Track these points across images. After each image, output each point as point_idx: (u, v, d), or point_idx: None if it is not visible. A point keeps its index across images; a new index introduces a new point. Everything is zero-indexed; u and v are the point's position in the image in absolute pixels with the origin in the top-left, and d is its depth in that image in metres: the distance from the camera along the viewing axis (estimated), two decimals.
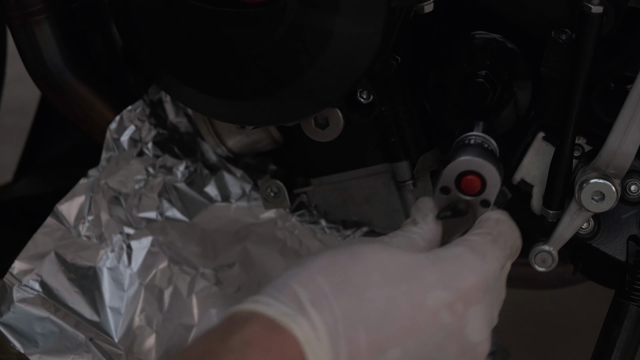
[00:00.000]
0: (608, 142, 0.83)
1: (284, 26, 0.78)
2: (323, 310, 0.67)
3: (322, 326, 0.66)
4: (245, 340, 0.65)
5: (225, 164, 1.05)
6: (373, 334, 0.67)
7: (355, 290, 0.68)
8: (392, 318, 0.68)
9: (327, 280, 0.68)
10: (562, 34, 0.85)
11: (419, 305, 0.69)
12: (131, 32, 0.83)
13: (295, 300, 0.67)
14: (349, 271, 0.69)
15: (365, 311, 0.67)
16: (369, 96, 0.82)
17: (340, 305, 0.67)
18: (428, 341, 0.69)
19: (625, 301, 0.85)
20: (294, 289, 0.68)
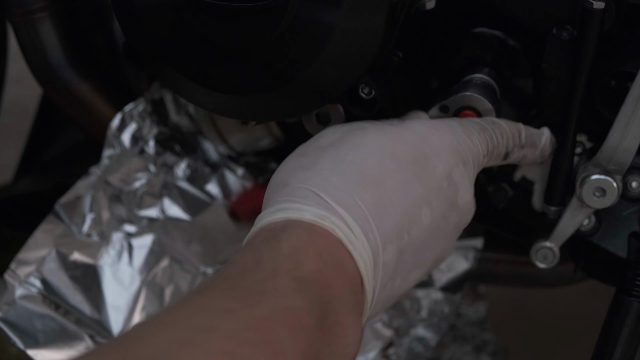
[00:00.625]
0: (609, 138, 0.84)
1: (286, 21, 0.78)
2: (352, 209, 0.68)
3: (355, 224, 0.68)
4: (295, 247, 0.65)
5: (227, 162, 1.05)
6: (399, 219, 0.70)
7: (374, 183, 0.70)
8: (411, 200, 0.71)
9: (344, 179, 0.70)
10: (563, 31, 0.85)
11: (429, 182, 0.73)
12: (134, 27, 0.83)
13: (323, 204, 0.68)
14: (360, 165, 0.71)
15: (389, 199, 0.70)
16: (370, 92, 0.82)
17: (365, 201, 0.69)
18: (437, 213, 0.73)
19: (626, 297, 0.85)
20: (316, 193, 0.69)
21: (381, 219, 0.69)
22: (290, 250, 0.65)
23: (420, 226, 0.72)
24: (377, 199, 0.69)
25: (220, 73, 0.82)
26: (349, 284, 0.67)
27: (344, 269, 0.67)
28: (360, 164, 0.71)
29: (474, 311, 1.25)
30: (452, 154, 0.75)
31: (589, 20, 0.80)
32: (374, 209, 0.69)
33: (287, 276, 0.63)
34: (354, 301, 0.67)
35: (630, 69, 0.84)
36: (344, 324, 0.65)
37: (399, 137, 0.74)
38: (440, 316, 1.16)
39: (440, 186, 0.73)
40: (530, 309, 1.46)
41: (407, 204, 0.71)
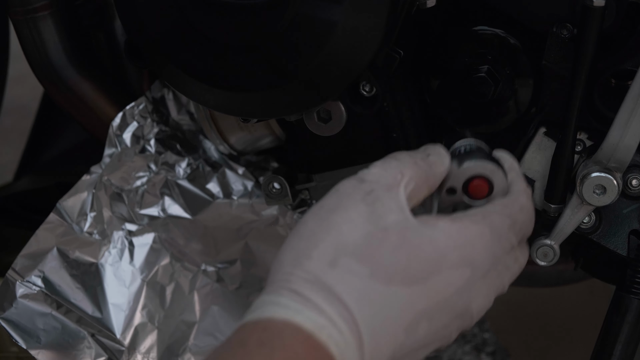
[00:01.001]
0: (609, 135, 0.84)
1: (288, 18, 0.78)
2: (349, 324, 0.67)
3: (351, 338, 0.67)
4: (261, 342, 0.64)
5: (227, 161, 1.05)
6: (394, 334, 0.68)
7: (378, 296, 0.68)
8: (411, 315, 0.69)
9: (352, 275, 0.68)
10: (563, 29, 0.85)
11: (433, 297, 0.70)
12: (135, 24, 0.83)
13: (324, 311, 0.67)
14: (369, 276, 0.68)
15: (389, 315, 0.68)
16: (371, 89, 0.82)
17: (363, 315, 0.67)
18: (437, 324, 0.70)
19: (626, 295, 0.86)
20: (320, 294, 0.67)
21: (376, 335, 0.68)
22: (255, 347, 0.64)
23: (414, 337, 0.70)
24: (378, 313, 0.68)
25: (221, 70, 0.82)
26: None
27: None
28: (370, 276, 0.69)
29: None
30: (472, 269, 0.71)
31: (589, 18, 0.81)
32: (371, 324, 0.68)
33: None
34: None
35: (630, 66, 0.84)
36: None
37: (419, 247, 0.70)
38: None
39: (447, 301, 0.70)
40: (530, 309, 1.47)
41: (406, 319, 0.69)
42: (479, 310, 0.73)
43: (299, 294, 0.67)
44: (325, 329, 0.66)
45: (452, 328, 0.72)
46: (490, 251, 0.72)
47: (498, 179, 0.76)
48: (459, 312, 0.71)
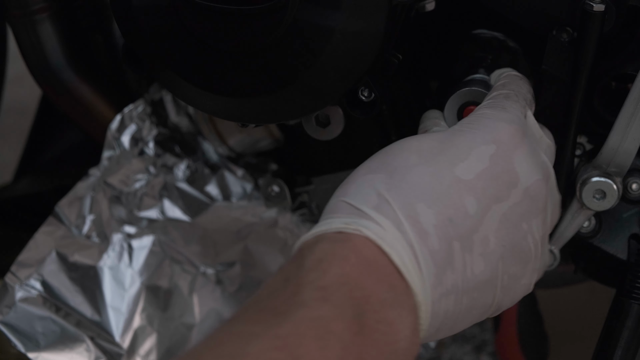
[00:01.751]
0: (609, 140, 0.84)
1: (286, 23, 0.78)
2: (380, 206, 0.69)
3: (384, 220, 0.68)
4: (318, 258, 0.65)
5: (226, 163, 1.05)
6: (434, 208, 0.70)
7: (401, 177, 0.70)
8: (443, 189, 0.70)
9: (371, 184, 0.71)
10: (563, 33, 0.85)
11: (464, 171, 0.72)
12: (133, 30, 0.83)
13: (352, 211, 0.69)
14: (386, 168, 0.72)
15: (419, 192, 0.70)
16: (370, 94, 0.82)
17: (393, 196, 0.69)
18: (487, 199, 0.71)
19: (626, 300, 0.85)
20: (346, 202, 0.70)
21: (413, 210, 0.69)
22: (313, 262, 0.65)
23: (464, 213, 0.70)
24: (405, 192, 0.69)
25: (219, 76, 0.82)
26: (385, 280, 0.66)
27: (376, 266, 0.66)
28: (386, 168, 0.72)
29: None
30: (494, 142, 0.74)
31: (589, 22, 0.80)
32: (402, 201, 0.69)
33: (311, 287, 0.63)
34: (394, 297, 0.66)
35: (630, 71, 0.84)
36: (387, 320, 0.64)
37: (426, 136, 0.74)
38: None
39: (484, 170, 0.72)
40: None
41: (442, 191, 0.70)
42: (533, 182, 0.74)
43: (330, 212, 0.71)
44: (355, 222, 0.68)
45: (511, 205, 0.72)
46: (505, 123, 0.75)
47: None
48: (509, 183, 0.72)
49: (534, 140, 0.78)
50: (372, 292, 0.64)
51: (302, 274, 0.65)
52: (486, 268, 0.71)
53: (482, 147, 0.73)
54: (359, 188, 0.71)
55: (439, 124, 0.82)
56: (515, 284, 0.74)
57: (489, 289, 0.72)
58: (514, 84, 0.81)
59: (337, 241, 0.67)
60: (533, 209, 0.75)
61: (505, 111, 0.76)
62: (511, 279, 0.73)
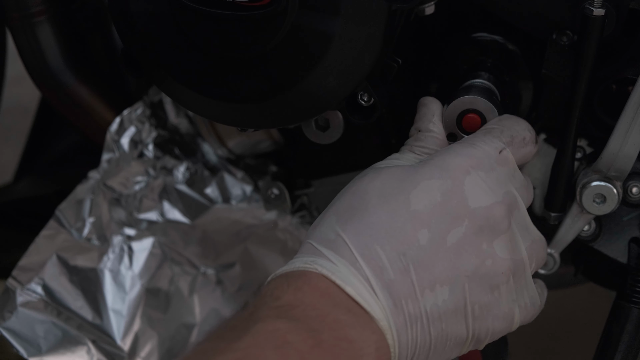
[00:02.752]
0: (609, 144, 0.83)
1: (285, 29, 0.78)
2: (337, 246, 0.73)
3: (339, 259, 0.72)
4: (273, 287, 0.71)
5: (226, 165, 1.05)
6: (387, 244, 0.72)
7: (359, 218, 0.74)
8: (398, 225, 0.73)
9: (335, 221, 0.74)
10: (563, 36, 0.84)
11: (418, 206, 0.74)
12: (131, 35, 0.82)
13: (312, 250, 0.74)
14: (350, 207, 0.75)
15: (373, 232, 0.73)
16: (369, 99, 0.82)
17: (349, 236, 0.73)
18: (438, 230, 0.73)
19: (626, 304, 0.85)
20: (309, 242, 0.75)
21: (367, 249, 0.72)
22: (268, 290, 0.71)
23: (417, 246, 0.72)
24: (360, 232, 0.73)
25: (218, 81, 0.82)
26: (341, 305, 0.69)
27: (331, 296, 0.70)
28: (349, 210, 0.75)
29: None
30: (449, 171, 0.75)
31: (589, 27, 0.80)
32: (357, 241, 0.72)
33: (267, 308, 0.69)
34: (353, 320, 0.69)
35: (630, 75, 0.84)
36: (348, 339, 0.68)
37: (390, 175, 0.76)
38: None
39: (436, 204, 0.74)
40: None
41: (394, 229, 0.73)
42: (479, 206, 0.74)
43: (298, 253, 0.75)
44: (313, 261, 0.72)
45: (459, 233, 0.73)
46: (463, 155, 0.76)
47: (489, 113, 0.82)
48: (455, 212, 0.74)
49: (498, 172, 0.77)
50: (327, 312, 0.69)
51: (258, 299, 0.71)
52: (450, 297, 0.72)
53: (433, 181, 0.74)
54: (323, 229, 0.75)
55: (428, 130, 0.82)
56: (488, 314, 0.74)
57: (458, 320, 0.73)
58: (508, 121, 0.81)
59: (292, 277, 0.72)
60: (490, 229, 0.74)
61: (472, 146, 0.77)
62: (482, 308, 0.74)
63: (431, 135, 0.81)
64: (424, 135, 0.81)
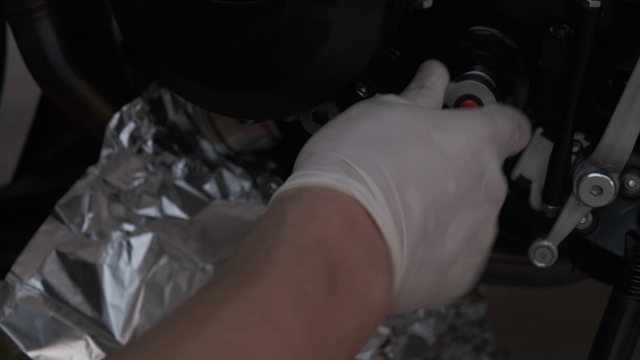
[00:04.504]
0: (605, 136, 0.84)
1: (283, 19, 0.78)
2: (373, 170, 0.69)
3: (375, 185, 0.68)
4: (299, 215, 0.65)
5: (225, 161, 1.05)
6: (422, 184, 0.71)
7: (397, 151, 0.71)
8: (433, 168, 0.72)
9: (367, 146, 0.70)
10: (560, 30, 0.85)
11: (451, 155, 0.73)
12: (131, 25, 0.83)
13: (343, 167, 0.68)
14: (384, 137, 0.72)
15: (411, 167, 0.71)
16: (368, 90, 0.82)
17: (387, 165, 0.70)
18: (463, 185, 0.73)
19: (623, 296, 0.85)
20: (338, 157, 0.69)
21: (403, 182, 0.70)
22: (293, 220, 0.65)
23: (446, 194, 0.72)
24: (399, 165, 0.70)
25: (217, 71, 0.82)
26: (364, 241, 0.66)
27: (357, 228, 0.66)
28: (385, 136, 0.72)
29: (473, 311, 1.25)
30: (475, 134, 0.76)
31: (585, 19, 0.80)
32: (395, 172, 0.70)
33: (287, 248, 0.63)
34: (372, 258, 0.66)
35: (627, 67, 0.84)
36: (363, 280, 0.65)
37: (423, 117, 0.75)
38: (437, 316, 1.16)
39: (465, 160, 0.74)
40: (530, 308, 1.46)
41: (430, 171, 0.72)
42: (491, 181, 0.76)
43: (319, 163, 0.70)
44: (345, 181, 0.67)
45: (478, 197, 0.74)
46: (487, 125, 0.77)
47: (487, 98, 0.82)
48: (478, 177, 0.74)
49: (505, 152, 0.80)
50: (349, 252, 0.65)
51: (280, 230, 0.64)
52: (453, 252, 0.73)
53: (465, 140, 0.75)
54: (354, 147, 0.70)
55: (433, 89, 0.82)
56: (465, 276, 0.76)
57: (448, 275, 0.74)
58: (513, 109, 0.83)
59: (321, 199, 0.66)
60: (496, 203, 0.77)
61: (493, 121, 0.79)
62: (465, 269, 0.76)
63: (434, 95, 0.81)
64: (428, 93, 0.81)
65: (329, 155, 0.70)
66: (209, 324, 0.58)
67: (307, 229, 0.64)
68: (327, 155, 0.70)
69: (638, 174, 0.87)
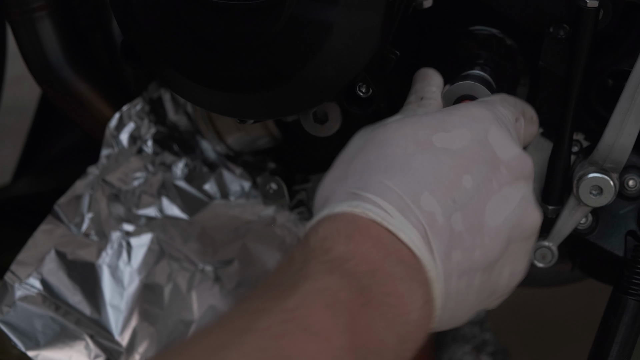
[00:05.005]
0: (605, 135, 0.84)
1: (283, 19, 0.78)
2: (382, 191, 0.69)
3: (387, 204, 0.69)
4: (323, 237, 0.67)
5: (225, 161, 1.05)
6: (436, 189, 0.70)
7: (401, 166, 0.71)
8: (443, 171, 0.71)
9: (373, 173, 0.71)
10: (560, 29, 0.85)
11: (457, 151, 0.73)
12: (131, 25, 0.83)
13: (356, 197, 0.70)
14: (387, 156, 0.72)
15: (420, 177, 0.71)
16: (368, 90, 0.82)
17: (395, 183, 0.70)
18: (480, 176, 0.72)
19: (623, 296, 0.85)
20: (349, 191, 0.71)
21: (416, 193, 0.70)
22: (318, 241, 0.66)
23: (464, 190, 0.71)
24: (407, 178, 0.70)
25: (217, 71, 0.82)
26: (393, 255, 0.66)
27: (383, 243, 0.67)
28: (386, 156, 0.72)
29: None
30: (476, 121, 0.75)
31: (583, 18, 0.80)
32: (406, 187, 0.70)
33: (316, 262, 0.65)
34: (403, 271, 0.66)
35: (626, 67, 0.84)
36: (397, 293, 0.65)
37: (420, 123, 0.75)
38: None
39: (472, 151, 0.73)
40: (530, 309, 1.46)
41: (440, 174, 0.71)
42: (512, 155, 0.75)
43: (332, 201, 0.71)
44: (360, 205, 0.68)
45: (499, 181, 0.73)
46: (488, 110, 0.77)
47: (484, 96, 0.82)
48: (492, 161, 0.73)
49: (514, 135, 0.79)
50: (379, 266, 0.65)
51: (307, 252, 0.66)
52: (496, 245, 0.72)
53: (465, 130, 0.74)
54: (361, 178, 0.71)
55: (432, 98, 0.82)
56: (518, 265, 0.75)
57: (496, 270, 0.73)
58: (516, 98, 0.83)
59: (343, 221, 0.68)
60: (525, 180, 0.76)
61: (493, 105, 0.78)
62: (515, 259, 0.74)
63: (435, 105, 0.81)
64: (429, 103, 0.81)
65: (339, 191, 0.71)
66: (247, 333, 0.59)
67: (333, 247, 0.66)
68: (338, 192, 0.71)
69: (638, 173, 0.87)
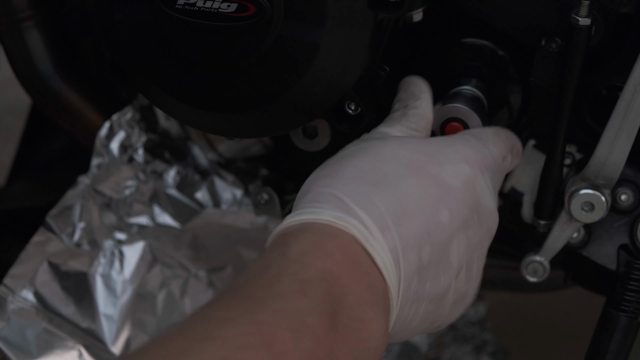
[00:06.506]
0: (596, 152, 0.83)
1: (270, 40, 0.77)
2: (368, 207, 0.69)
3: (371, 222, 0.69)
4: (303, 249, 0.66)
5: (217, 168, 1.05)
6: (417, 217, 0.71)
7: (391, 186, 0.71)
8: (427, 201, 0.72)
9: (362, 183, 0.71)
10: (552, 43, 0.84)
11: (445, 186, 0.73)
12: (116, 44, 0.82)
13: (339, 204, 0.69)
14: (379, 171, 0.72)
15: (406, 201, 0.71)
16: (357, 108, 0.81)
17: (382, 201, 0.70)
18: (458, 215, 0.73)
19: (615, 311, 0.85)
20: (334, 194, 0.70)
21: (398, 218, 0.70)
22: (297, 253, 0.66)
23: (440, 226, 0.72)
24: (394, 200, 0.71)
25: (204, 91, 0.81)
26: (364, 279, 0.67)
27: (358, 265, 0.67)
28: (379, 171, 0.72)
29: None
30: (470, 165, 0.76)
31: (575, 36, 0.79)
32: (390, 208, 0.70)
33: (291, 279, 0.64)
34: (371, 296, 0.67)
35: (618, 83, 0.83)
36: (362, 318, 0.66)
37: (416, 149, 0.75)
38: None
39: (460, 191, 0.74)
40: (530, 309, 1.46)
41: (424, 204, 0.72)
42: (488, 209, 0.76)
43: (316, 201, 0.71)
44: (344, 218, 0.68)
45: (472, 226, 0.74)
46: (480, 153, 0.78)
47: (473, 122, 0.82)
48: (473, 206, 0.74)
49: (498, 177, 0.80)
50: (350, 289, 0.66)
51: (285, 263, 0.65)
52: (444, 282, 0.73)
53: (458, 168, 0.75)
54: (349, 184, 0.71)
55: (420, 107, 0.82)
56: (460, 303, 0.76)
57: (442, 304, 0.74)
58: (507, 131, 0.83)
59: (324, 235, 0.68)
60: (489, 233, 0.77)
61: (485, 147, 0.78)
62: (459, 297, 0.75)
63: (420, 114, 0.81)
64: (414, 113, 0.81)
65: (326, 192, 0.71)
66: (209, 341, 0.59)
67: (311, 264, 0.65)
68: (324, 192, 0.71)
69: (630, 187, 0.87)
